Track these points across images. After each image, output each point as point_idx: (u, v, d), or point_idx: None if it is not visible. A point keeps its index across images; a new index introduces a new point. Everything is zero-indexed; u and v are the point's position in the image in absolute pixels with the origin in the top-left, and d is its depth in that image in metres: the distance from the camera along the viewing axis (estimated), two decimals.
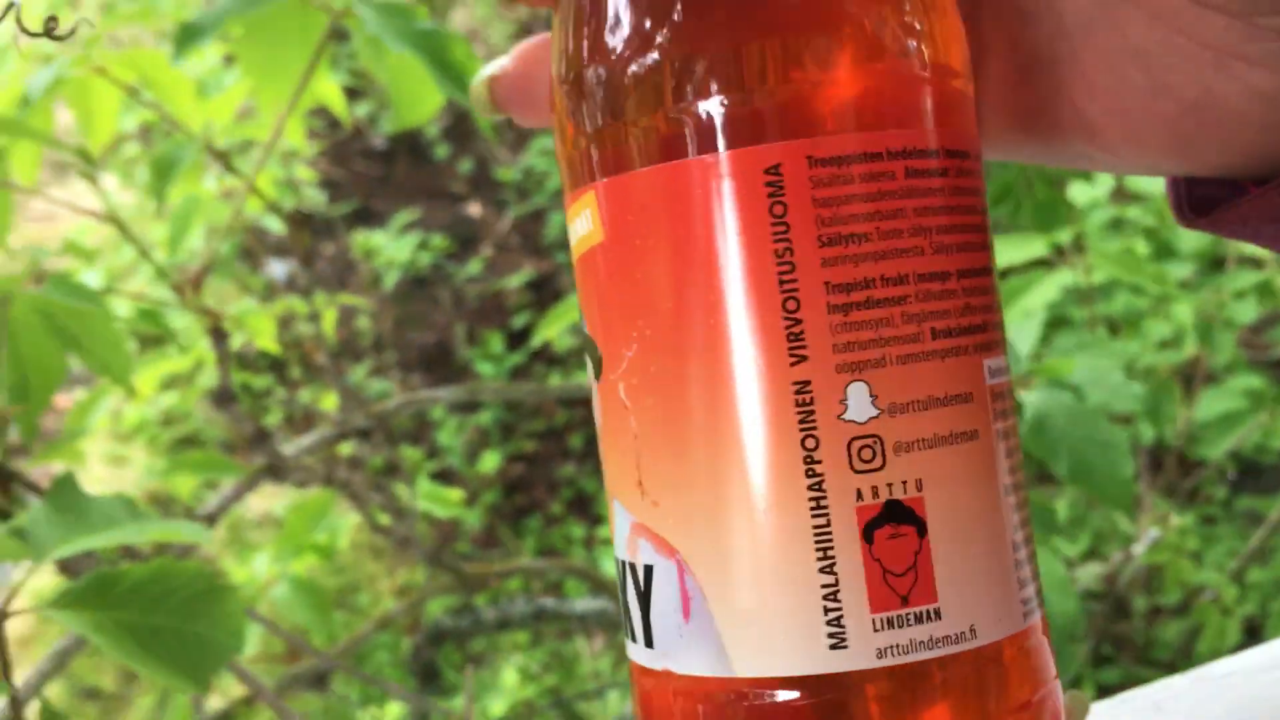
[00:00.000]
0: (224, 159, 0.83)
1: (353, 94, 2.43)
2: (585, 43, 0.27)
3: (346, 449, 1.87)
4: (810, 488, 0.25)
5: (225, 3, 0.67)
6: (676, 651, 0.27)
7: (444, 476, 2.06)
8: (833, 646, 0.25)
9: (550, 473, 2.10)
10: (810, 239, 0.25)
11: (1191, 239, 1.21)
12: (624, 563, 0.28)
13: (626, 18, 0.26)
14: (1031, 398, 0.82)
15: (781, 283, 0.25)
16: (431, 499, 1.02)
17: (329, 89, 0.81)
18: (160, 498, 1.90)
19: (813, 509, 0.25)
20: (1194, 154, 0.28)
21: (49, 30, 0.33)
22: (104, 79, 0.78)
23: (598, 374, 0.28)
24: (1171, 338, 1.19)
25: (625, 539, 0.27)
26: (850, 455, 0.25)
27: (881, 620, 0.25)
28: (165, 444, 2.10)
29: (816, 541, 0.25)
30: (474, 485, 2.04)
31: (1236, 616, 1.16)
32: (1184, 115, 0.27)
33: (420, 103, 0.70)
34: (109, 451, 2.10)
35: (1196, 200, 0.30)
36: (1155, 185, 1.21)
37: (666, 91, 0.25)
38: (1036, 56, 0.29)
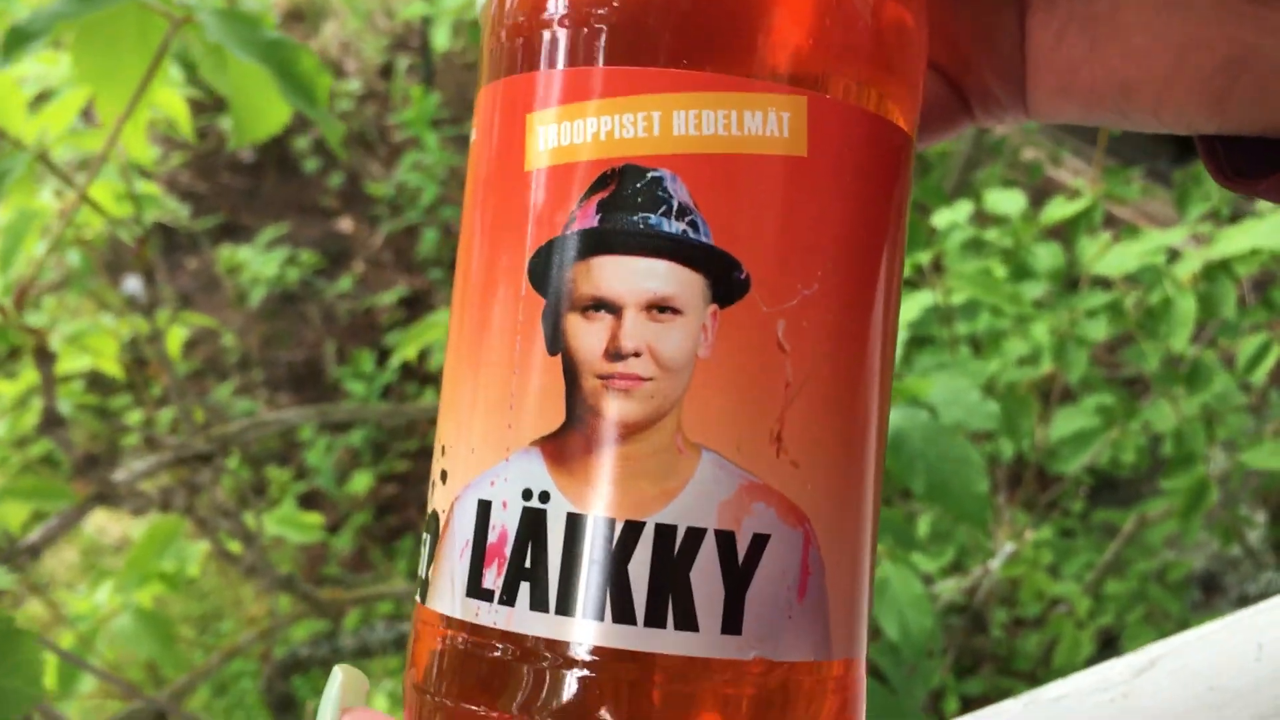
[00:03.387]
0: (63, 173, 0.79)
1: (219, 104, 2.36)
2: None
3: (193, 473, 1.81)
4: None
5: (57, 6, 0.64)
6: (781, 635, 0.23)
7: (313, 498, 2.01)
8: None
9: (424, 493, 2.05)
10: None
11: (1047, 259, 1.24)
12: (690, 529, 0.22)
13: None
14: (890, 416, 0.83)
15: None
16: (286, 523, 0.98)
17: (171, 99, 0.77)
18: None
19: None
20: (1230, 111, 0.28)
21: None
22: None
23: (725, 298, 0.23)
24: (1030, 355, 1.22)
25: (718, 501, 0.23)
26: None
27: None
28: (15, 467, 2.00)
29: None
30: (344, 507, 1.99)
31: (1090, 629, 1.19)
32: (1218, 71, 0.27)
33: (264, 116, 0.67)
34: None
35: (1236, 163, 0.29)
36: (1013, 207, 1.24)
37: None
38: (1073, 15, 0.29)
